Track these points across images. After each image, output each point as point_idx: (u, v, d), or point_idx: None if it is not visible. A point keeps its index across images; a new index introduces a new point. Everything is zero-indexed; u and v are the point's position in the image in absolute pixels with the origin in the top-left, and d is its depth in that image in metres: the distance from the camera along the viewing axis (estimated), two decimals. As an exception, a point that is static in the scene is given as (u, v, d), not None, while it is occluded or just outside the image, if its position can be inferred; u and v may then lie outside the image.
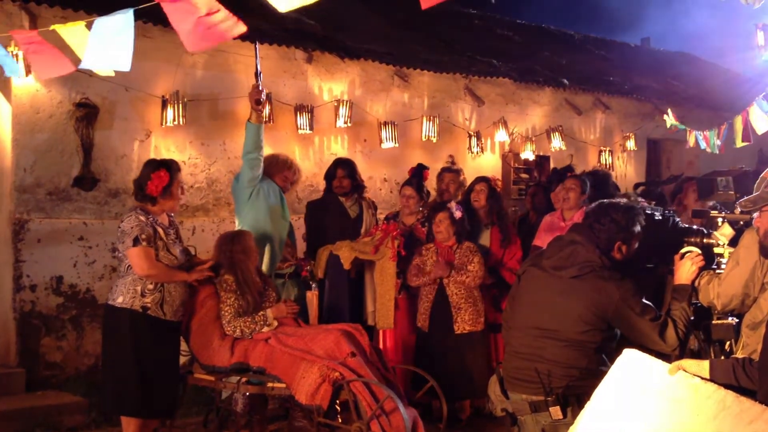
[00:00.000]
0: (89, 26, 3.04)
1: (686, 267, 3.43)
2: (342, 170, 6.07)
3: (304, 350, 4.62)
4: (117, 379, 4.46)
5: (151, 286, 4.48)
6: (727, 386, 2.56)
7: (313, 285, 5.97)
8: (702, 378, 2.60)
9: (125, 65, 2.94)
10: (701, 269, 3.55)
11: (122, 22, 2.89)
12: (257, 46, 5.56)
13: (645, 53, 14.56)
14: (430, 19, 9.77)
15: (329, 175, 6.16)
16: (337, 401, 4.56)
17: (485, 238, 5.93)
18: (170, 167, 4.61)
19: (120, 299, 4.44)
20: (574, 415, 2.99)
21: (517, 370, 3.33)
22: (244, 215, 5.48)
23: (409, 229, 5.97)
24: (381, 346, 5.63)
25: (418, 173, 6.44)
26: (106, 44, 2.92)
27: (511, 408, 3.34)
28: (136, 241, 4.41)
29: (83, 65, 3.02)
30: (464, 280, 5.46)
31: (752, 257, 3.38)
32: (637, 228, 3.43)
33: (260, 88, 5.32)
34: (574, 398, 3.15)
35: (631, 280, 3.32)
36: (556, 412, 3.18)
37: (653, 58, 13.99)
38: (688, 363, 2.66)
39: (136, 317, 4.44)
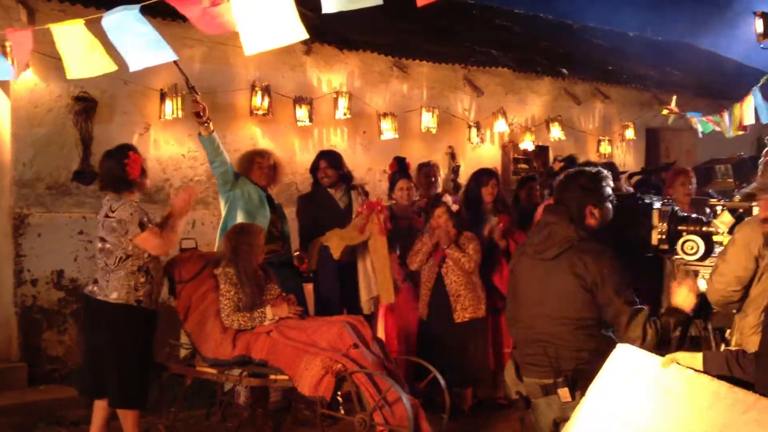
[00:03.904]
0: (88, 25, 3.03)
1: (683, 294, 3.34)
2: (324, 161, 6.08)
3: (307, 342, 4.62)
4: (121, 374, 4.45)
5: (143, 280, 4.49)
6: (721, 378, 2.58)
7: (312, 277, 6.01)
8: (695, 370, 2.62)
9: (170, 56, 2.91)
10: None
11: (134, 18, 2.87)
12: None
13: (643, 42, 14.52)
14: (428, 9, 9.73)
15: (314, 168, 6.17)
16: (340, 393, 4.58)
17: (496, 226, 5.93)
18: (134, 148, 4.67)
19: (114, 295, 4.41)
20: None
21: (528, 356, 3.36)
22: (224, 217, 5.62)
23: (409, 220, 5.98)
24: (383, 336, 5.65)
25: (402, 165, 6.47)
26: (133, 42, 2.89)
27: (525, 391, 3.38)
28: (142, 226, 4.41)
29: (132, 67, 2.99)
30: (460, 258, 5.47)
31: (740, 253, 3.38)
32: (607, 190, 3.42)
33: (197, 101, 5.34)
34: (583, 381, 3.14)
35: (614, 255, 3.28)
36: (564, 394, 3.20)
37: (652, 47, 13.95)
38: (681, 356, 2.67)
39: (132, 311, 4.45)
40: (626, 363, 2.77)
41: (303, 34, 2.68)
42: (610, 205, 3.43)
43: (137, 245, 4.45)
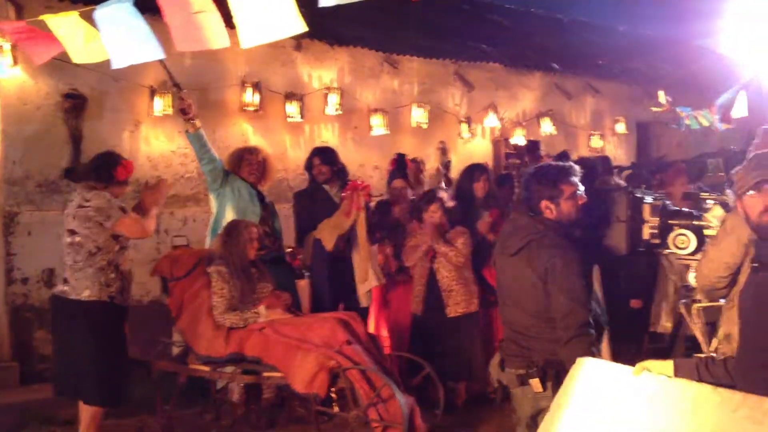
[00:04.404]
0: (84, 16, 3.01)
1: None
2: (318, 158, 6.09)
3: (300, 339, 4.62)
4: (99, 372, 4.41)
5: (113, 275, 4.47)
6: None
7: (306, 274, 6.00)
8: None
9: (158, 53, 2.89)
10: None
11: (126, 11, 2.85)
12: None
13: (633, 36, 14.52)
14: (418, 4, 9.72)
15: (308, 165, 6.17)
16: (334, 389, 4.58)
17: (484, 220, 5.94)
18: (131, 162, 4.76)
19: (86, 293, 4.37)
20: (554, 389, 3.06)
21: (508, 347, 3.44)
22: (215, 215, 5.64)
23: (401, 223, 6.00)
24: (376, 332, 5.65)
25: (401, 163, 6.46)
26: (123, 36, 2.87)
27: (504, 381, 3.44)
28: (124, 210, 4.43)
29: (115, 65, 2.97)
30: (447, 252, 5.47)
31: (729, 240, 3.38)
32: (565, 185, 3.37)
33: (182, 98, 5.36)
34: (553, 372, 3.20)
35: (574, 254, 3.25)
36: (536, 384, 3.25)
37: (642, 42, 13.96)
38: (651, 364, 2.66)
39: (105, 308, 4.44)
40: (597, 377, 2.72)
41: (301, 27, 2.68)
42: (570, 201, 3.37)
43: (118, 231, 4.43)
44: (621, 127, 10.81)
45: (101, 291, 4.41)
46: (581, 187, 3.43)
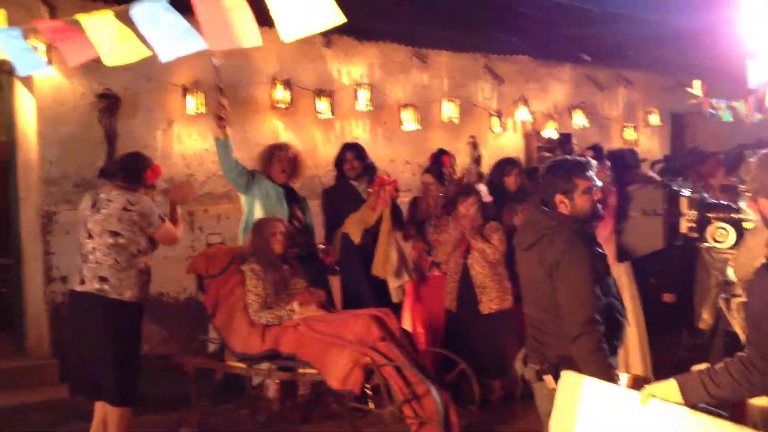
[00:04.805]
0: (119, 16, 3.02)
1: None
2: (351, 153, 6.12)
3: (335, 335, 4.64)
4: (126, 373, 4.41)
5: (146, 278, 4.52)
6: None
7: (338, 270, 6.02)
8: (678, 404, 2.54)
9: (201, 45, 2.86)
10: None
11: (162, 8, 2.86)
12: (215, 59, 5.65)
13: (665, 26, 14.31)
14: (447, -2, 9.66)
15: (340, 161, 6.17)
16: (369, 386, 4.58)
17: (519, 215, 5.92)
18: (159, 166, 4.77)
19: (128, 293, 4.39)
20: None
21: (530, 343, 3.44)
22: (245, 215, 5.73)
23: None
24: (410, 328, 5.64)
25: (437, 160, 6.44)
26: (164, 31, 2.88)
27: (527, 376, 3.44)
28: (162, 219, 4.49)
29: (164, 58, 2.98)
30: (485, 249, 5.45)
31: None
32: (580, 179, 3.32)
33: (223, 105, 5.40)
34: (566, 367, 3.15)
35: (584, 250, 3.21)
36: (549, 380, 3.23)
37: (674, 31, 13.75)
38: (656, 389, 2.61)
39: (140, 309, 4.50)
40: (602, 401, 2.70)
41: (340, 17, 2.67)
42: (587, 196, 3.32)
43: (157, 238, 4.49)
44: (654, 119, 10.66)
45: (140, 293, 4.46)
46: (598, 183, 3.38)
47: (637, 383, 2.98)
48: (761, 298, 2.46)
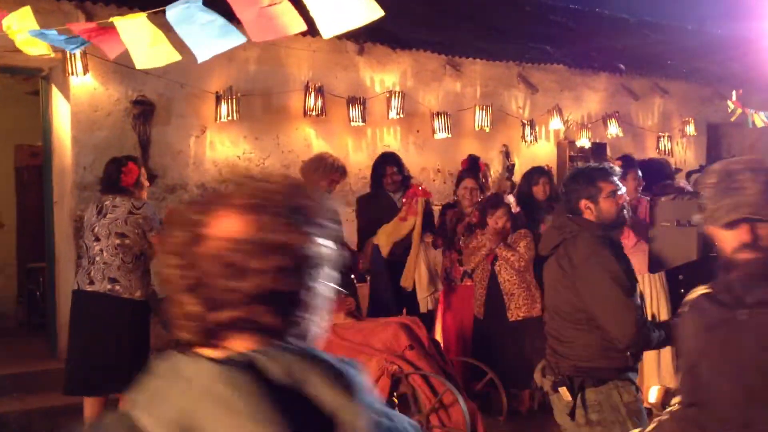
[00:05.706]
0: (152, 19, 3.06)
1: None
2: (391, 167, 6.10)
3: (363, 343, 4.62)
4: (134, 370, 4.47)
5: (149, 278, 4.75)
6: None
7: (368, 278, 6.01)
8: None
9: (240, 39, 2.94)
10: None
11: (197, 8, 2.90)
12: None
13: (702, 36, 14.14)
14: (480, 6, 9.66)
15: (379, 173, 6.14)
16: (396, 394, 4.56)
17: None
18: (136, 160, 4.97)
19: (139, 293, 4.67)
20: (582, 398, 3.08)
21: (548, 353, 3.40)
22: None
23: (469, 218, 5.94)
24: (440, 336, 5.61)
25: (474, 165, 6.40)
26: (199, 31, 2.92)
27: (545, 387, 3.40)
28: (161, 224, 4.63)
29: (201, 58, 3.03)
30: (509, 257, 5.40)
31: None
32: (604, 183, 3.29)
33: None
34: (580, 380, 3.13)
35: (605, 255, 3.15)
36: (564, 393, 3.19)
37: (711, 41, 13.58)
38: None
39: (149, 308, 4.73)
40: None
41: (378, 11, 2.67)
42: (612, 200, 3.29)
43: (155, 243, 4.63)
44: (690, 129, 10.50)
45: (147, 291, 4.71)
46: (622, 187, 3.35)
47: (668, 395, 2.93)
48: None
